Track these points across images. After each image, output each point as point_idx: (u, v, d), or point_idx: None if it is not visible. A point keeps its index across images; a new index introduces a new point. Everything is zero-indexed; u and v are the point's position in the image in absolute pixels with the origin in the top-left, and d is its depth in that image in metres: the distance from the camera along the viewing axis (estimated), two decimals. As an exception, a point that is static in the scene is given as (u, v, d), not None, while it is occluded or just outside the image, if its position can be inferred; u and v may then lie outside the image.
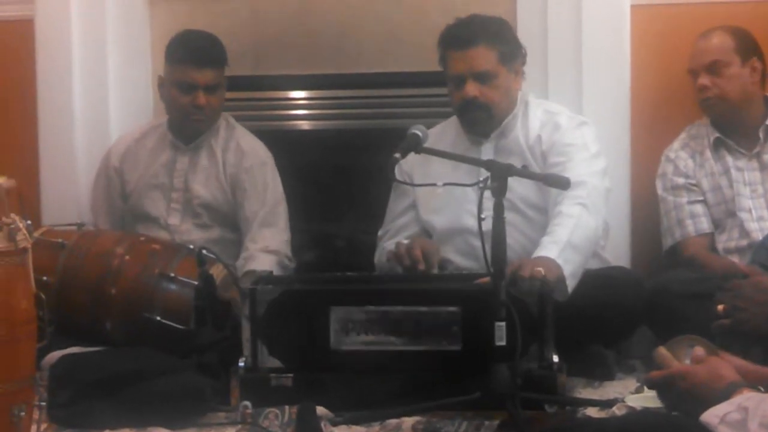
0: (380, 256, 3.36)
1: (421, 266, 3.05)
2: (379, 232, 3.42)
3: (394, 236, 3.36)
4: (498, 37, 3.21)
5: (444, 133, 3.34)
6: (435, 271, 3.09)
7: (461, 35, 3.19)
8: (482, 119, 3.23)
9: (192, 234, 3.53)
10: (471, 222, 3.18)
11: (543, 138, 3.21)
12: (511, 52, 3.23)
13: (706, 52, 3.35)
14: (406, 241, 3.19)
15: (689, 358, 2.06)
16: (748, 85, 3.35)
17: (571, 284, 2.81)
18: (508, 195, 2.62)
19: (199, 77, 3.47)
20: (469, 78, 3.18)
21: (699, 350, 2.05)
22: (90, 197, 3.75)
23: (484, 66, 3.18)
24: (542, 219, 3.11)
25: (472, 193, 3.19)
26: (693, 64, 3.38)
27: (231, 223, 3.57)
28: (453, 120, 3.37)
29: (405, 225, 3.37)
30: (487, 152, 3.23)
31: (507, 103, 3.25)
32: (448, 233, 3.25)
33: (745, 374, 1.95)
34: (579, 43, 3.59)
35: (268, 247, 3.45)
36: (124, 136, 3.74)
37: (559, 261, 2.78)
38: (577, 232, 2.90)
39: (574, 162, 3.10)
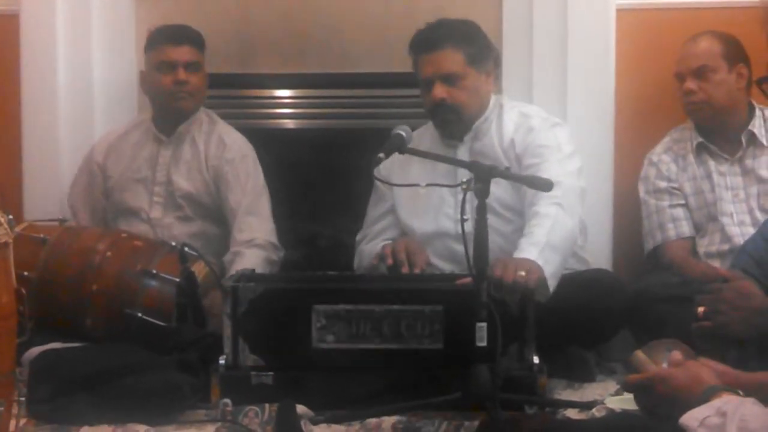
0: (360, 260, 3.37)
1: (405, 269, 3.06)
2: (358, 236, 3.44)
3: (372, 240, 3.37)
4: (465, 39, 3.22)
5: (421, 137, 3.34)
6: (418, 270, 3.09)
7: (428, 39, 3.22)
8: (451, 121, 3.24)
9: (174, 228, 3.54)
10: (449, 225, 3.20)
11: (516, 141, 3.22)
12: (480, 54, 3.24)
13: (693, 57, 3.36)
14: (391, 242, 3.20)
15: (666, 361, 2.07)
16: (733, 90, 3.36)
17: (552, 284, 2.81)
18: (485, 197, 2.63)
19: (177, 54, 3.52)
20: (437, 80, 3.20)
21: (676, 354, 2.05)
22: (70, 193, 3.74)
23: (451, 68, 3.19)
24: (518, 220, 3.12)
25: (450, 197, 3.20)
26: (680, 68, 3.40)
27: (213, 216, 3.58)
28: (430, 125, 3.38)
29: (384, 229, 3.38)
30: (462, 155, 3.24)
31: (477, 105, 3.26)
32: (428, 237, 3.25)
33: (723, 378, 1.96)
34: (564, 47, 3.59)
35: (254, 238, 3.47)
36: (108, 132, 3.75)
37: (540, 262, 2.78)
38: (554, 232, 2.90)
39: (548, 163, 3.11)
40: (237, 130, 3.68)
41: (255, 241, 3.47)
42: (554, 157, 3.14)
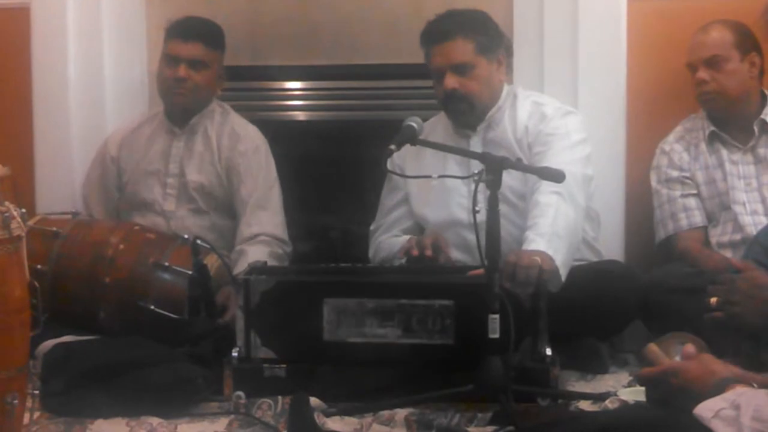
0: (376, 252, 3.38)
1: (429, 252, 3.06)
2: (372, 227, 3.44)
3: (387, 231, 3.38)
4: (475, 28, 3.22)
5: (434, 127, 3.35)
6: (444, 257, 3.08)
7: (439, 30, 3.23)
8: (464, 111, 3.24)
9: (187, 220, 3.55)
10: (463, 215, 3.20)
11: (529, 129, 3.23)
12: (490, 43, 3.24)
13: (705, 46, 3.34)
14: (414, 237, 3.20)
15: (679, 355, 2.07)
16: (746, 80, 3.34)
17: (563, 273, 2.81)
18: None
19: (182, 50, 3.49)
20: (448, 71, 3.20)
21: (690, 347, 2.05)
22: (83, 186, 3.75)
23: (462, 58, 3.19)
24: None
25: (463, 187, 3.21)
26: (692, 58, 3.38)
27: (226, 208, 3.59)
28: (442, 115, 3.38)
29: (398, 219, 3.38)
30: (475, 145, 3.25)
31: (489, 94, 3.26)
32: (441, 226, 3.26)
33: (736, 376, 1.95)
34: (575, 36, 3.58)
35: (260, 233, 3.46)
36: (122, 125, 3.75)
37: (549, 252, 2.79)
38: (558, 221, 2.91)
39: (553, 151, 3.12)
40: (250, 122, 3.67)
41: (259, 237, 3.46)
42: (560, 145, 3.15)
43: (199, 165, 3.58)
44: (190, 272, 3.09)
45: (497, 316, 2.50)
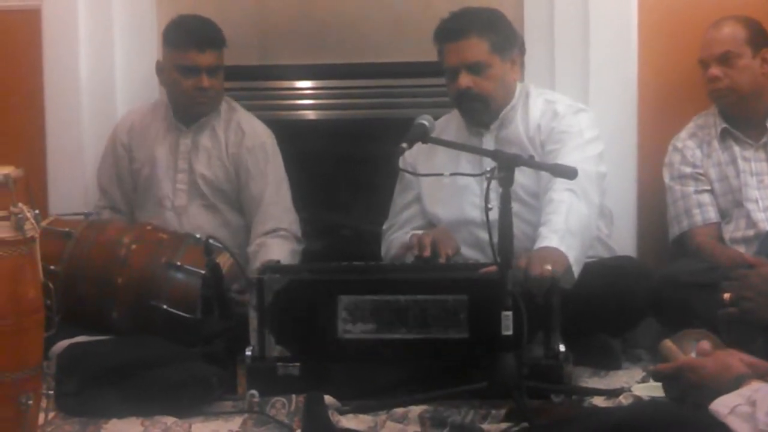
0: (388, 250, 3.38)
1: (426, 253, 3.06)
2: (384, 226, 3.44)
3: (399, 229, 3.37)
4: (490, 27, 3.21)
5: (447, 125, 3.35)
6: (442, 259, 3.09)
7: (453, 28, 3.21)
8: (478, 110, 3.24)
9: (199, 217, 3.56)
10: (475, 213, 3.20)
11: (542, 127, 3.22)
12: (505, 42, 3.23)
13: (717, 43, 3.33)
14: (420, 232, 3.20)
15: (695, 351, 2.07)
16: (758, 76, 3.33)
17: (576, 270, 2.82)
18: (511, 185, 2.63)
19: (201, 60, 3.50)
20: (462, 69, 3.19)
21: (705, 343, 2.05)
22: (97, 176, 3.74)
23: (476, 57, 3.18)
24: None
25: (475, 185, 3.20)
26: (704, 55, 3.37)
27: (236, 204, 3.60)
28: (455, 112, 3.37)
29: (410, 218, 3.38)
30: (488, 143, 3.24)
31: (503, 93, 3.25)
32: (453, 225, 3.26)
33: (754, 369, 1.95)
34: (586, 34, 3.58)
35: (278, 228, 3.49)
36: (129, 112, 3.74)
37: (562, 249, 2.79)
38: (571, 218, 2.91)
39: (567, 149, 3.11)
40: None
41: (279, 232, 3.49)
42: (573, 143, 3.14)
43: (207, 160, 3.59)
44: (202, 271, 3.10)
45: (510, 313, 2.50)
